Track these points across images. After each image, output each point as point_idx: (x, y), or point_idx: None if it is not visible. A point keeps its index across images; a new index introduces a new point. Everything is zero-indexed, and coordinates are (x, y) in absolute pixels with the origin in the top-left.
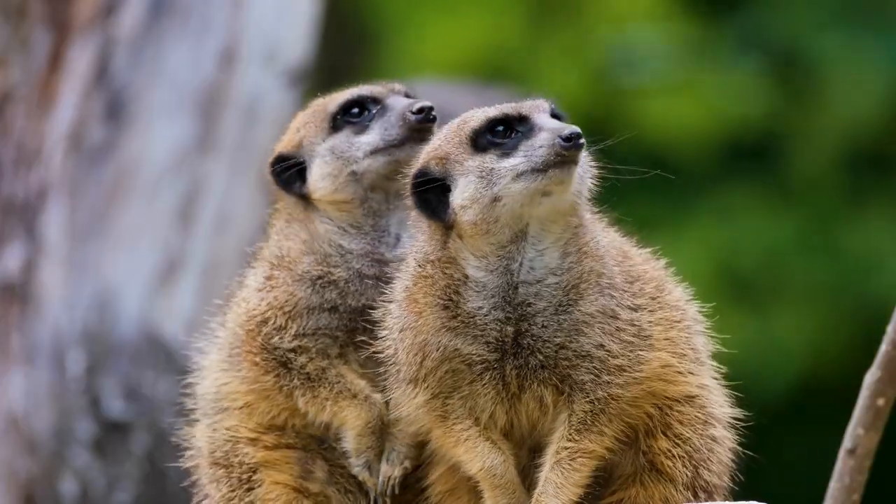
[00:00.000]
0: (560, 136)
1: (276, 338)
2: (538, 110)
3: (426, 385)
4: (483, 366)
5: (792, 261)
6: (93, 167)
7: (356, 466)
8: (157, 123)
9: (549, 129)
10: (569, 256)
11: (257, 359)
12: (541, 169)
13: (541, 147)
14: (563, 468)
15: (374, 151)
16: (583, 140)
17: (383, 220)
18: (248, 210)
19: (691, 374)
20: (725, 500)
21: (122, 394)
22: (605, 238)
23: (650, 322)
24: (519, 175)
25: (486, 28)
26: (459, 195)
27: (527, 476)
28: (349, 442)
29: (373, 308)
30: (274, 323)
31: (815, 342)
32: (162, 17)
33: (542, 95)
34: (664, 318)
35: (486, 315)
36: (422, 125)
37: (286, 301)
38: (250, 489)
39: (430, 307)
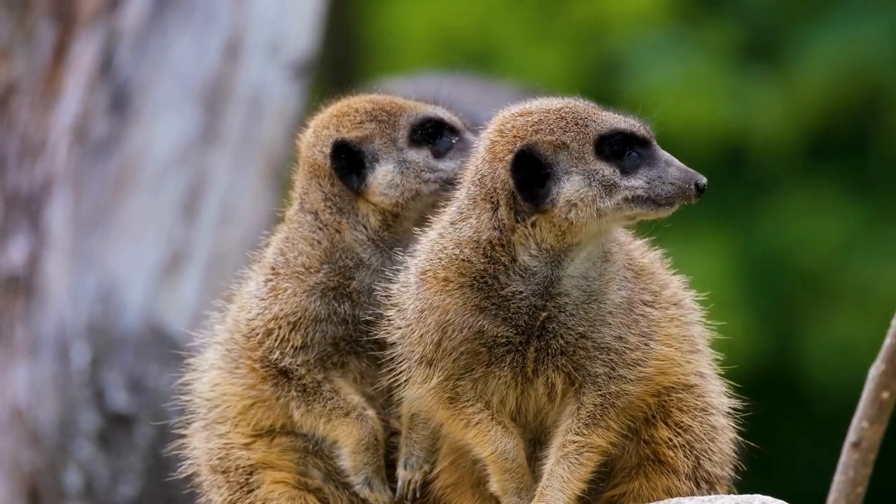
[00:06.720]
0: (696, 185)
1: (278, 351)
2: (652, 137)
3: (441, 366)
4: (506, 348)
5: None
6: (97, 160)
7: (356, 484)
8: (161, 116)
9: (678, 168)
10: (605, 248)
11: (257, 365)
12: (660, 203)
13: (670, 184)
14: (570, 462)
15: (449, 182)
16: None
17: (403, 240)
18: (252, 202)
19: (688, 363)
20: (729, 491)
21: (126, 386)
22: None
23: (659, 317)
24: (634, 199)
25: (466, 8)
26: (574, 191)
27: (529, 468)
28: (345, 459)
29: (372, 321)
30: (278, 335)
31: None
32: (166, 9)
33: (640, 115)
34: (667, 315)
35: (522, 299)
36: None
37: (292, 312)
38: (250, 491)
39: (464, 287)
